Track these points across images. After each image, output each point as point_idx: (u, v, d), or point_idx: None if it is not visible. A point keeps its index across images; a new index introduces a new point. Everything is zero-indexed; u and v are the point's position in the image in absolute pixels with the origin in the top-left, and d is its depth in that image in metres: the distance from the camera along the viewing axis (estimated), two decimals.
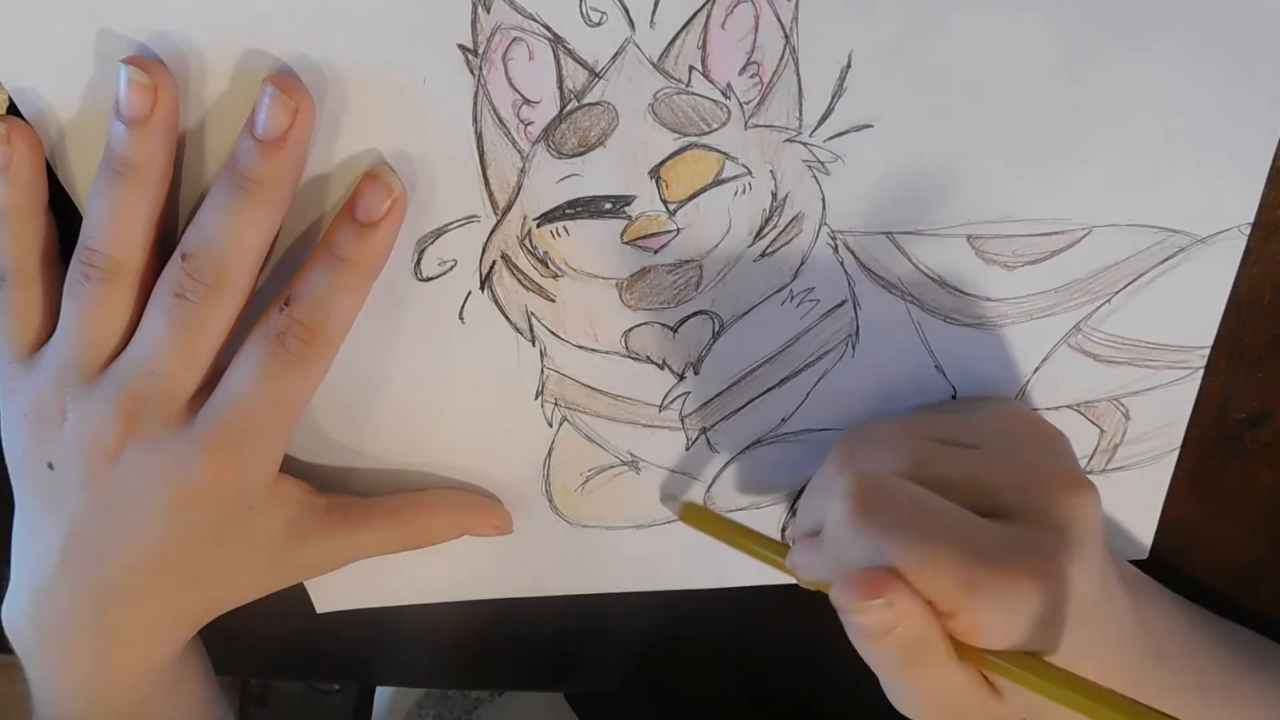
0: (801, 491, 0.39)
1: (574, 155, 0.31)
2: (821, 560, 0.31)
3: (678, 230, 0.32)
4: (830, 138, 0.31)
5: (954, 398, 0.36)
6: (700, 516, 0.37)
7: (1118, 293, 0.34)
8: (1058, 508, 0.30)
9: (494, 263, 0.33)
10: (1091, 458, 0.38)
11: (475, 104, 0.30)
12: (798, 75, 0.29)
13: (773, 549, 0.35)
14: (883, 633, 0.28)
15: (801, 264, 0.33)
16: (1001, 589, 0.28)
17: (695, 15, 0.28)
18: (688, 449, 0.38)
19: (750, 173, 0.31)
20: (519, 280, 0.33)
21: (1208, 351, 0.35)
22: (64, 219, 0.33)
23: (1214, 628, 0.39)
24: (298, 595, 0.42)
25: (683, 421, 0.37)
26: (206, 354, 0.31)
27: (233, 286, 0.31)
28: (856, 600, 0.28)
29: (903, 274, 0.33)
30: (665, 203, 0.32)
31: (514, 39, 0.29)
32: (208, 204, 0.30)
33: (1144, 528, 0.39)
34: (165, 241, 0.32)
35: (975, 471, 0.31)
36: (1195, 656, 0.37)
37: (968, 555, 0.28)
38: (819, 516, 0.32)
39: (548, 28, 0.29)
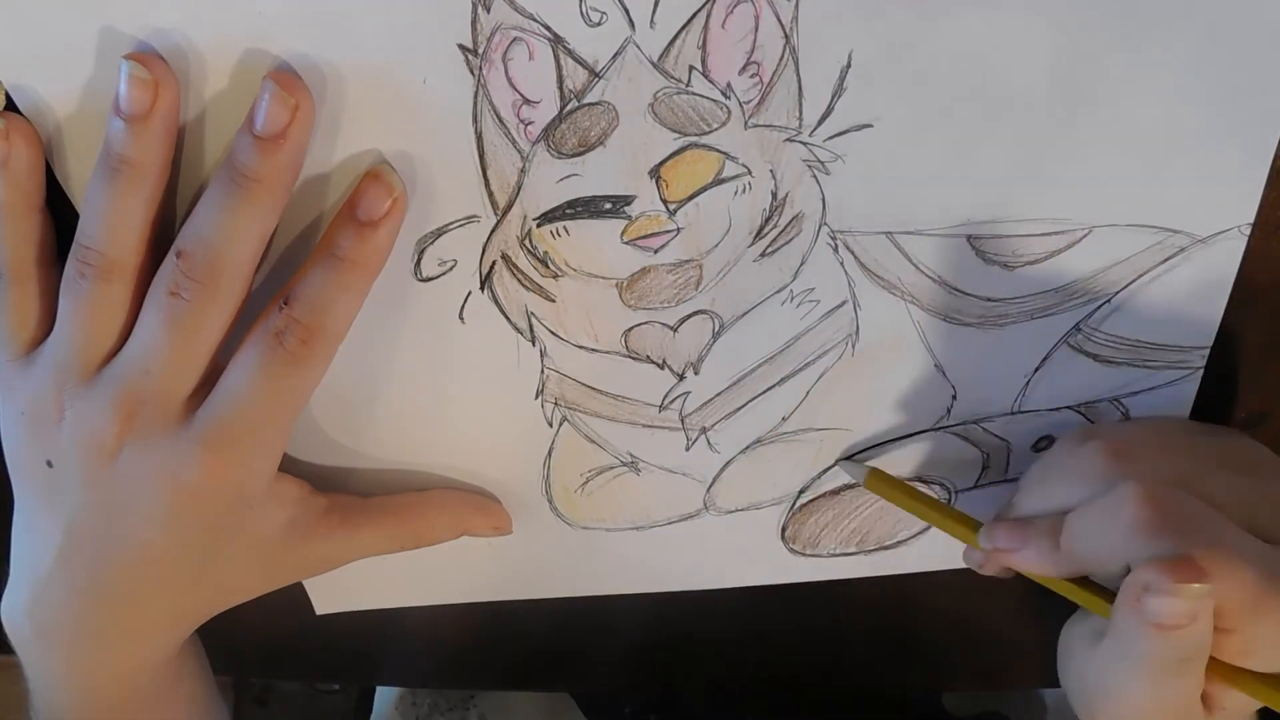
0: (803, 490, 0.39)
1: (574, 155, 0.31)
2: (1043, 553, 0.31)
3: (678, 230, 0.32)
4: (830, 137, 0.31)
5: (954, 398, 0.36)
6: (885, 484, 0.37)
7: (1118, 293, 0.34)
8: None
9: (494, 263, 0.33)
10: None
11: (475, 104, 0.30)
12: (798, 75, 0.29)
13: (962, 522, 0.35)
14: (1180, 624, 0.27)
15: (801, 264, 0.33)
16: None
17: (695, 15, 0.28)
18: (688, 449, 0.38)
19: (750, 172, 0.31)
20: (519, 280, 0.33)
21: (1208, 352, 0.35)
22: (61, 217, 0.33)
23: None
24: (298, 595, 0.42)
25: (683, 421, 0.37)
26: (203, 353, 0.31)
27: (228, 285, 0.30)
28: (1177, 581, 0.27)
29: (903, 274, 0.33)
30: (665, 202, 0.32)
31: (514, 39, 0.29)
32: (204, 201, 0.30)
33: None
34: (162, 239, 0.32)
35: (1248, 494, 0.30)
36: None
37: (1260, 574, 0.28)
38: (1060, 507, 0.31)
39: (548, 28, 0.28)
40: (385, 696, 0.62)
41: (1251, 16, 0.28)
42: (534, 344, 0.35)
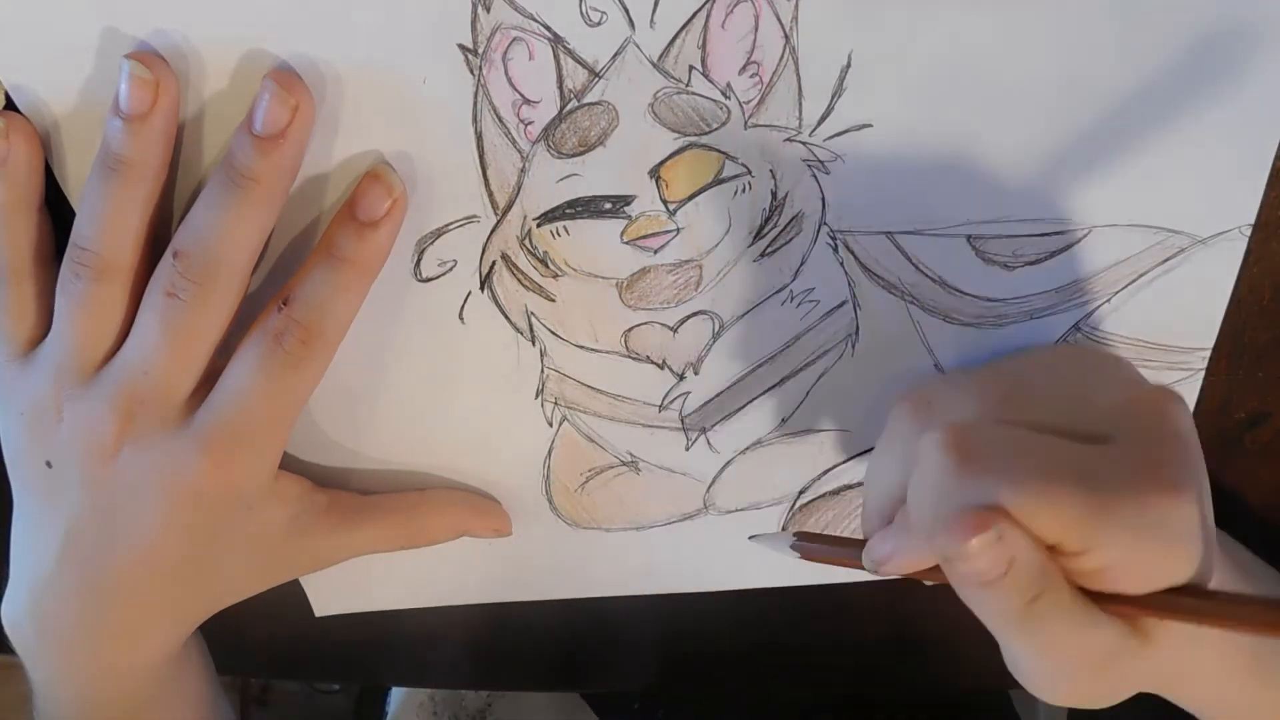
0: (803, 491, 0.39)
1: (574, 155, 0.31)
2: (911, 540, 0.29)
3: (678, 230, 0.32)
4: (830, 137, 0.31)
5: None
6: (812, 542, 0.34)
7: (1118, 293, 0.34)
8: (1162, 421, 0.28)
9: (494, 263, 0.33)
10: None
11: (475, 104, 0.30)
12: (798, 75, 0.29)
13: (847, 550, 0.32)
14: (996, 575, 0.25)
15: (801, 264, 0.33)
16: (1133, 511, 0.25)
17: (695, 15, 0.28)
18: (688, 449, 0.38)
19: (750, 172, 0.31)
20: (519, 280, 0.33)
21: (1208, 352, 0.35)
22: (60, 217, 0.33)
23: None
24: (298, 595, 0.42)
25: (683, 421, 0.37)
26: (201, 353, 0.31)
27: (225, 285, 0.30)
28: (962, 540, 0.25)
29: (903, 274, 0.33)
30: (665, 202, 0.32)
31: (514, 39, 0.29)
32: (201, 201, 0.30)
33: None
34: (159, 239, 0.32)
35: (1063, 403, 0.29)
36: (1268, 571, 0.35)
37: (1086, 485, 0.25)
38: (897, 489, 0.29)
39: (548, 28, 0.28)
40: (399, 701, 0.62)
41: (1251, 17, 0.28)
42: (534, 344, 0.35)
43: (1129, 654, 0.28)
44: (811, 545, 0.34)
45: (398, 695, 0.64)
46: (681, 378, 0.36)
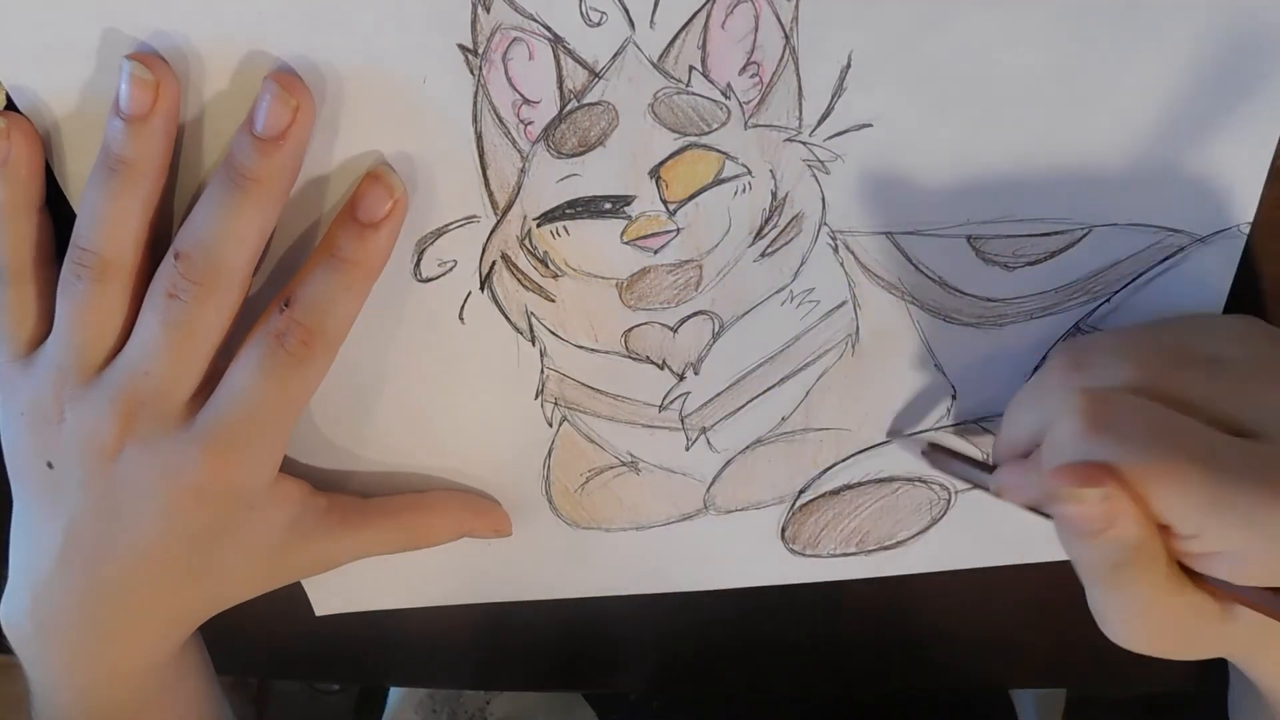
0: (803, 490, 0.39)
1: (574, 155, 0.31)
2: (1036, 479, 0.30)
3: (678, 230, 0.32)
4: (830, 137, 0.31)
5: (954, 398, 0.36)
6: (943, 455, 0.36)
7: (1117, 292, 0.34)
8: None
9: (494, 263, 0.33)
10: None
11: (475, 104, 0.30)
12: (798, 75, 0.29)
13: (973, 470, 0.34)
14: (1096, 530, 0.26)
15: (801, 264, 0.33)
16: (1255, 510, 0.26)
17: (695, 15, 0.28)
18: (688, 449, 0.38)
19: (750, 172, 0.31)
20: (519, 280, 0.33)
21: None
22: (60, 218, 0.33)
23: None
24: (298, 595, 0.42)
25: (683, 421, 0.37)
26: (202, 354, 0.31)
27: (226, 286, 0.30)
28: (1072, 485, 0.26)
29: (903, 274, 0.33)
30: (665, 203, 0.32)
31: (514, 39, 0.29)
32: (202, 202, 0.30)
33: None
34: (160, 240, 0.32)
35: (1220, 387, 0.28)
36: None
37: (1215, 475, 0.26)
38: (1033, 433, 0.30)
39: (548, 28, 0.29)
40: (397, 701, 0.62)
41: (1251, 16, 0.28)
42: (534, 344, 0.35)
43: (1210, 625, 0.28)
44: (941, 456, 0.36)
45: (396, 693, 0.64)
46: (681, 378, 0.36)
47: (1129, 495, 0.26)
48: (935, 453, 0.37)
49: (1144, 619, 0.29)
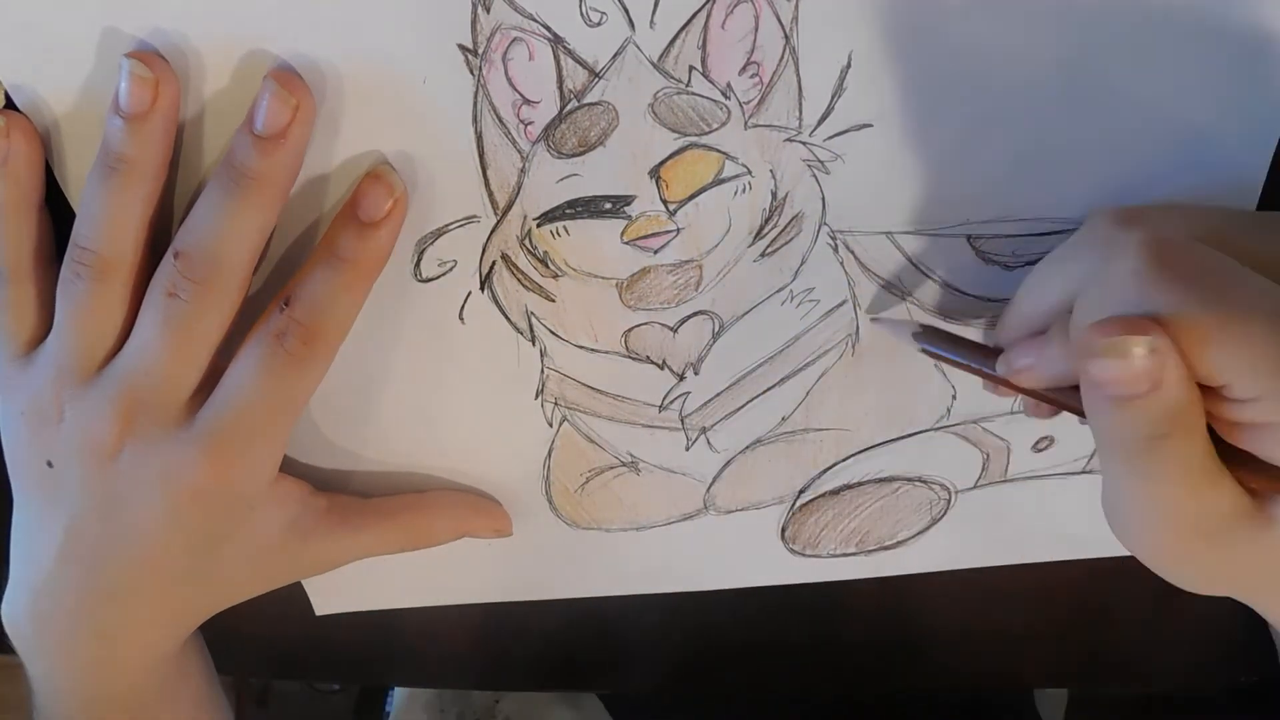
0: (803, 490, 0.39)
1: (574, 155, 0.31)
2: (1059, 352, 0.27)
3: (678, 230, 0.32)
4: (830, 137, 0.31)
5: (954, 398, 0.36)
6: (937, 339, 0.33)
7: None
8: None
9: (494, 263, 0.33)
10: (1091, 458, 0.38)
11: (475, 104, 0.30)
12: (798, 75, 0.29)
13: (973, 355, 0.31)
14: (1136, 392, 0.23)
15: (801, 264, 0.33)
16: None
17: (695, 15, 0.28)
18: (688, 449, 0.38)
19: (750, 172, 0.31)
20: (519, 280, 0.33)
21: None
22: (60, 217, 0.33)
23: None
24: (298, 595, 0.42)
25: (683, 421, 0.37)
26: (202, 354, 0.31)
27: (226, 285, 0.30)
28: (1112, 336, 0.23)
29: (903, 274, 0.33)
30: (665, 203, 0.32)
31: (514, 39, 0.29)
32: (202, 201, 0.30)
33: None
34: (160, 239, 0.32)
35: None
36: None
37: None
38: (1063, 296, 0.27)
39: (548, 28, 0.29)
40: (404, 698, 0.62)
41: (1251, 17, 0.28)
42: (534, 344, 0.35)
43: (1243, 532, 0.25)
44: (936, 339, 0.32)
45: (401, 693, 0.64)
46: (681, 378, 0.36)
47: (1176, 353, 0.23)
48: (929, 335, 0.33)
49: (1170, 514, 0.25)
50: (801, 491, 0.39)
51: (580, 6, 0.28)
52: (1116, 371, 0.23)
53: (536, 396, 0.36)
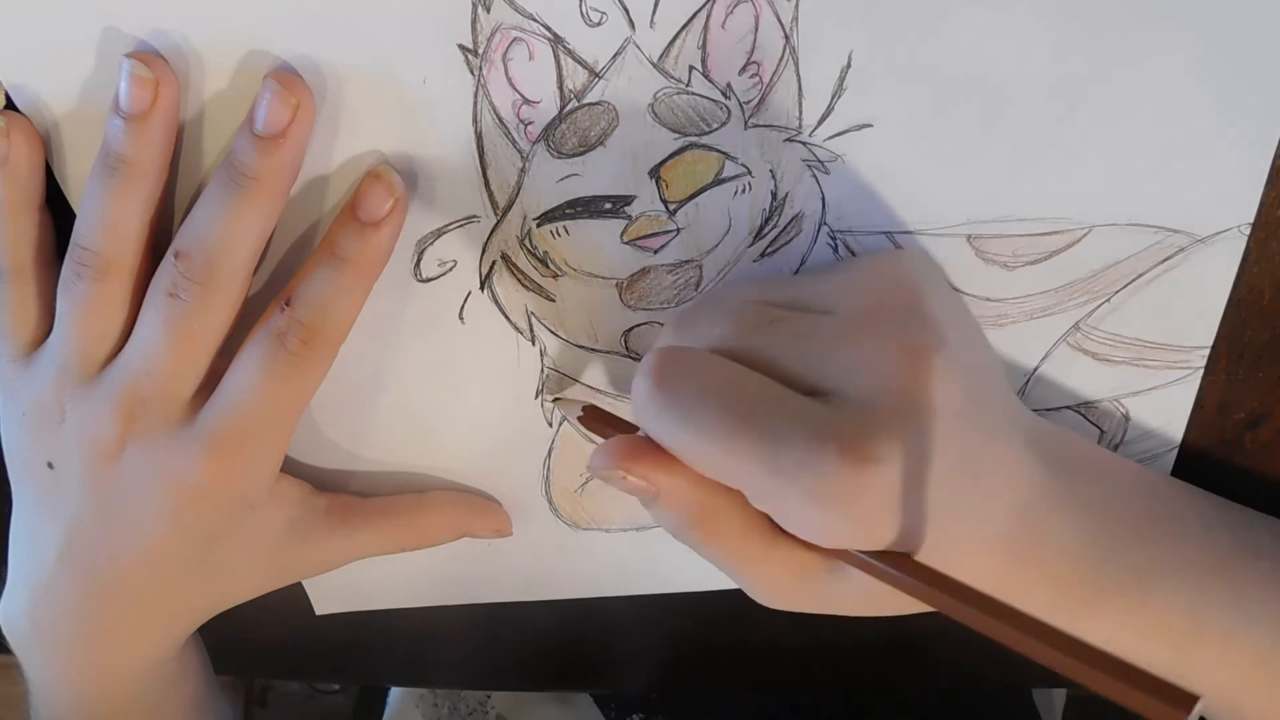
0: None
1: (574, 155, 0.31)
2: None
3: (678, 230, 0.32)
4: (830, 137, 0.31)
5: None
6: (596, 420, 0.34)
7: (1117, 292, 0.34)
8: (892, 379, 0.26)
9: (494, 263, 0.33)
10: None
11: (475, 104, 0.30)
12: (798, 75, 0.29)
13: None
14: (647, 500, 0.27)
15: (802, 264, 0.33)
16: (806, 473, 0.25)
17: (695, 15, 0.28)
18: None
19: (750, 172, 0.31)
20: (519, 280, 0.33)
21: (1208, 351, 0.35)
22: (61, 217, 0.33)
23: (1221, 510, 0.33)
24: (298, 595, 0.42)
25: None
26: (203, 354, 0.31)
27: (227, 285, 0.30)
28: (600, 468, 0.27)
29: None
30: (665, 202, 0.32)
31: (514, 39, 0.29)
32: (203, 201, 0.30)
33: None
34: (160, 239, 0.32)
35: (804, 344, 0.27)
36: (1184, 539, 0.31)
37: (771, 443, 0.25)
38: None
39: (548, 28, 0.29)
40: (399, 697, 0.62)
41: (1251, 17, 0.28)
42: (534, 344, 0.35)
43: (820, 584, 0.28)
44: (594, 421, 0.33)
45: (397, 689, 0.64)
46: None
47: (663, 465, 0.27)
48: (589, 415, 0.33)
49: (745, 574, 0.28)
50: None
51: (580, 6, 0.28)
52: (623, 486, 0.28)
53: (536, 396, 0.36)
